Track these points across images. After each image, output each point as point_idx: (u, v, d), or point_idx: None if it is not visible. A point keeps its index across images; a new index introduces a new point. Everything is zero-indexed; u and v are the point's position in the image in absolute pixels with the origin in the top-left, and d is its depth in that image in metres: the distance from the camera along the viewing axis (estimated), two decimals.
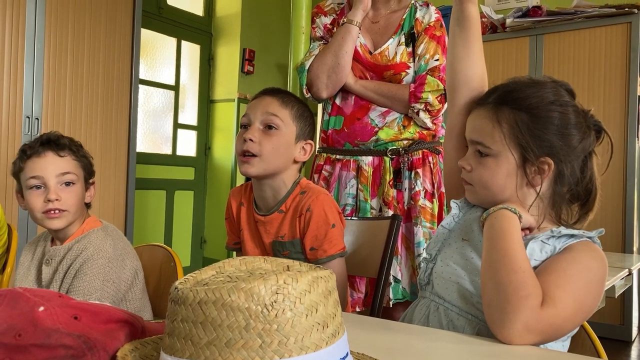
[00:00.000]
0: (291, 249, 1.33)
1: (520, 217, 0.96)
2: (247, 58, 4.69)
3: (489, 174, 1.01)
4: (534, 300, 0.84)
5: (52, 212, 1.22)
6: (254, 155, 1.29)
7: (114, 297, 1.22)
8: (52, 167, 1.23)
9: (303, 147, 1.37)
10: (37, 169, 1.23)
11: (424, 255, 1.12)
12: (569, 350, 0.95)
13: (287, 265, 0.61)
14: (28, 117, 2.80)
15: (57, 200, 1.22)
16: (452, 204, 1.11)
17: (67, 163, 1.25)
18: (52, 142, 1.25)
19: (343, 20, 1.82)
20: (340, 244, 1.32)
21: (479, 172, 1.03)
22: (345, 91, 1.85)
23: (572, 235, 0.97)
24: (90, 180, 1.32)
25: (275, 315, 0.51)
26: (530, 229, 1.00)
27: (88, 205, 1.33)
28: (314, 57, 1.85)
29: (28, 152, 1.25)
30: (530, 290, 0.85)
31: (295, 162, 1.36)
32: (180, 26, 4.56)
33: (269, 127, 1.31)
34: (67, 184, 1.25)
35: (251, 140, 1.29)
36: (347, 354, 0.57)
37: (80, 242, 1.23)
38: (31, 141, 1.28)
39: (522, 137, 0.98)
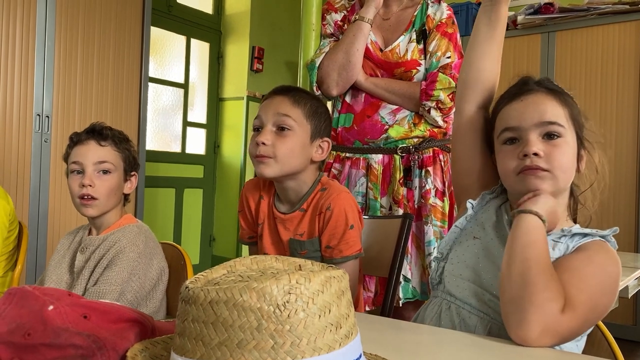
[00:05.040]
0: (310, 247, 1.31)
1: (545, 224, 0.94)
2: (257, 56, 4.68)
3: (566, 156, 0.97)
4: (556, 304, 0.83)
5: (85, 198, 1.29)
6: (269, 156, 1.26)
7: (137, 292, 1.26)
8: (91, 154, 1.31)
9: (319, 145, 1.32)
10: (79, 155, 1.32)
11: (435, 254, 1.11)
12: (585, 351, 0.94)
13: (299, 265, 0.60)
14: (39, 114, 2.81)
15: (90, 186, 1.29)
16: (468, 204, 1.09)
17: (106, 152, 1.33)
18: (96, 132, 1.34)
19: (355, 17, 1.81)
20: (356, 245, 1.29)
21: (555, 155, 0.96)
22: (355, 89, 1.83)
23: (584, 235, 0.95)
24: (131, 172, 1.39)
25: (288, 315, 0.50)
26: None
27: (127, 198, 1.40)
28: (324, 54, 1.84)
29: (74, 139, 1.35)
30: (555, 294, 0.84)
31: (312, 161, 1.32)
32: (189, 24, 4.57)
33: (281, 128, 1.26)
34: (104, 172, 1.32)
35: (264, 143, 1.25)
36: (360, 355, 0.56)
37: (115, 234, 1.29)
38: (81, 130, 1.37)
39: (577, 120, 1.00)
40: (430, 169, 1.75)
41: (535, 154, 0.96)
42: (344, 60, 1.78)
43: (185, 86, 4.59)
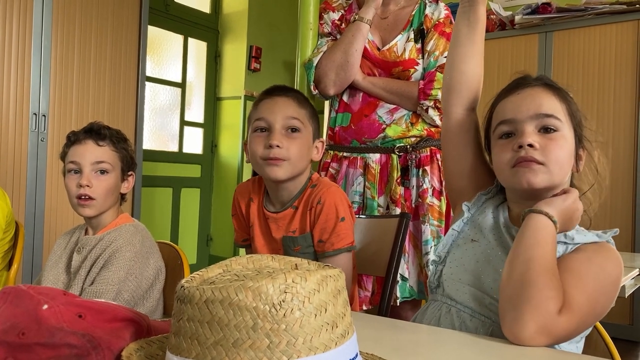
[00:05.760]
0: (303, 243, 1.32)
1: (556, 226, 0.92)
2: (254, 55, 4.68)
3: (563, 150, 0.96)
4: (554, 304, 0.82)
5: (83, 198, 1.29)
6: (283, 159, 1.26)
7: (134, 292, 1.26)
8: (89, 154, 1.31)
9: (316, 146, 1.35)
10: (76, 154, 1.31)
11: (433, 257, 1.10)
12: (582, 351, 0.94)
13: (296, 264, 0.60)
14: (35, 114, 2.80)
15: (87, 186, 1.29)
16: (464, 206, 1.09)
17: (104, 152, 1.32)
18: (94, 132, 1.33)
19: (354, 17, 1.80)
20: (348, 237, 1.30)
21: (551, 148, 0.94)
22: (353, 88, 1.83)
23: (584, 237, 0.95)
24: (129, 172, 1.39)
25: (284, 314, 0.50)
26: None
27: (123, 197, 1.40)
28: (322, 53, 1.83)
29: (72, 138, 1.34)
30: (554, 294, 0.83)
31: (311, 162, 1.35)
32: (187, 23, 4.56)
33: (292, 130, 1.28)
34: (102, 172, 1.31)
35: (278, 146, 1.25)
36: (356, 355, 0.56)
37: (111, 234, 1.29)
38: (79, 129, 1.36)
39: (575, 118, 0.99)
40: (427, 168, 1.75)
41: (530, 145, 0.94)
42: (342, 60, 1.77)
43: (182, 85, 4.59)
